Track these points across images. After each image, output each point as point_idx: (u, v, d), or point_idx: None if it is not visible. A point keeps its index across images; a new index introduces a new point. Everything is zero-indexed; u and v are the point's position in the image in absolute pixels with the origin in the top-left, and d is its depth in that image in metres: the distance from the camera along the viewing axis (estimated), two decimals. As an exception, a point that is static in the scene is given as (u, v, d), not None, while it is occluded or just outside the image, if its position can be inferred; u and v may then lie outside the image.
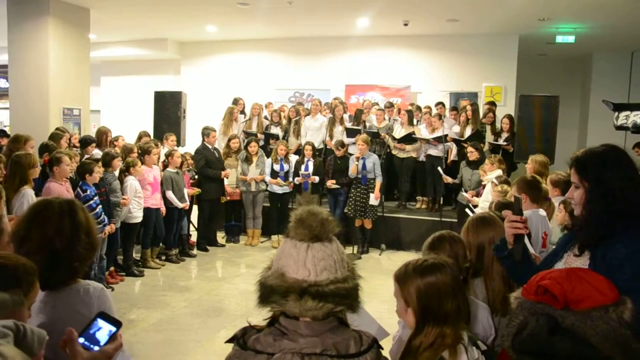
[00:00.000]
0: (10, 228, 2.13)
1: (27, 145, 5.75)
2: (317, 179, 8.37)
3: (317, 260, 1.43)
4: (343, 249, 1.52)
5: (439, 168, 7.95)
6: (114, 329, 1.62)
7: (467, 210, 6.07)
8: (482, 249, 2.41)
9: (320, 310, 1.39)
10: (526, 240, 2.19)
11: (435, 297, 1.76)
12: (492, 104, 9.87)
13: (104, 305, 2.01)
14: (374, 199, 7.90)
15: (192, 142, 9.42)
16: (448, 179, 7.78)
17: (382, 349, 1.51)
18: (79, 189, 5.83)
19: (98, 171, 6.00)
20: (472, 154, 7.60)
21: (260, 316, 1.53)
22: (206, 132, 8.43)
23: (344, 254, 1.51)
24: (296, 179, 8.44)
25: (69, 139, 7.62)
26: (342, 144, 8.40)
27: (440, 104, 10.00)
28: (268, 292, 1.44)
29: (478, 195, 6.82)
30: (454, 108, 9.97)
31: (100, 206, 5.91)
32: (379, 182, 7.96)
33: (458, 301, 1.79)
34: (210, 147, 8.38)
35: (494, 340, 2.20)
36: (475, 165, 7.52)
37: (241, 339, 1.45)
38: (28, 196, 4.80)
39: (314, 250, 1.44)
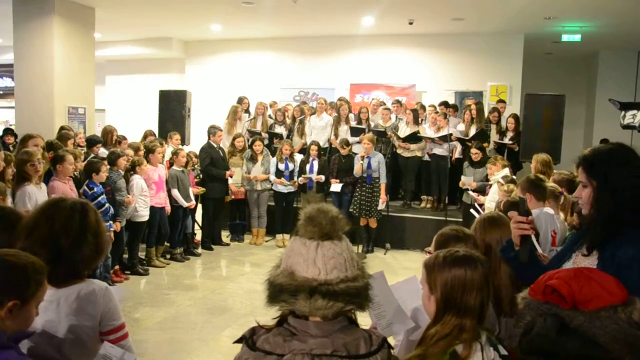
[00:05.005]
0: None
1: (29, 143, 5.75)
2: (322, 178, 8.35)
3: (327, 258, 1.41)
4: (352, 248, 1.50)
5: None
6: None
7: (472, 210, 6.04)
8: (490, 249, 2.39)
9: (331, 309, 1.38)
10: (534, 239, 2.17)
11: (459, 290, 1.73)
12: (502, 101, 9.81)
13: (110, 303, 2.01)
14: (381, 203, 7.92)
15: (196, 141, 9.42)
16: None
17: (393, 348, 1.50)
18: (85, 187, 5.85)
19: (105, 170, 6.03)
20: (476, 155, 7.58)
21: (266, 315, 1.52)
22: (212, 130, 8.44)
23: (354, 253, 1.49)
24: (300, 178, 8.44)
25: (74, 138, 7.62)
26: (346, 143, 8.37)
27: (443, 104, 9.77)
28: (277, 291, 1.41)
29: (484, 194, 6.78)
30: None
31: (107, 204, 5.93)
32: (383, 184, 7.95)
33: (482, 297, 1.75)
34: (215, 146, 8.39)
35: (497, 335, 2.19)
36: (479, 165, 7.48)
37: (250, 339, 1.43)
38: (26, 192, 4.89)
39: (323, 249, 1.42)
